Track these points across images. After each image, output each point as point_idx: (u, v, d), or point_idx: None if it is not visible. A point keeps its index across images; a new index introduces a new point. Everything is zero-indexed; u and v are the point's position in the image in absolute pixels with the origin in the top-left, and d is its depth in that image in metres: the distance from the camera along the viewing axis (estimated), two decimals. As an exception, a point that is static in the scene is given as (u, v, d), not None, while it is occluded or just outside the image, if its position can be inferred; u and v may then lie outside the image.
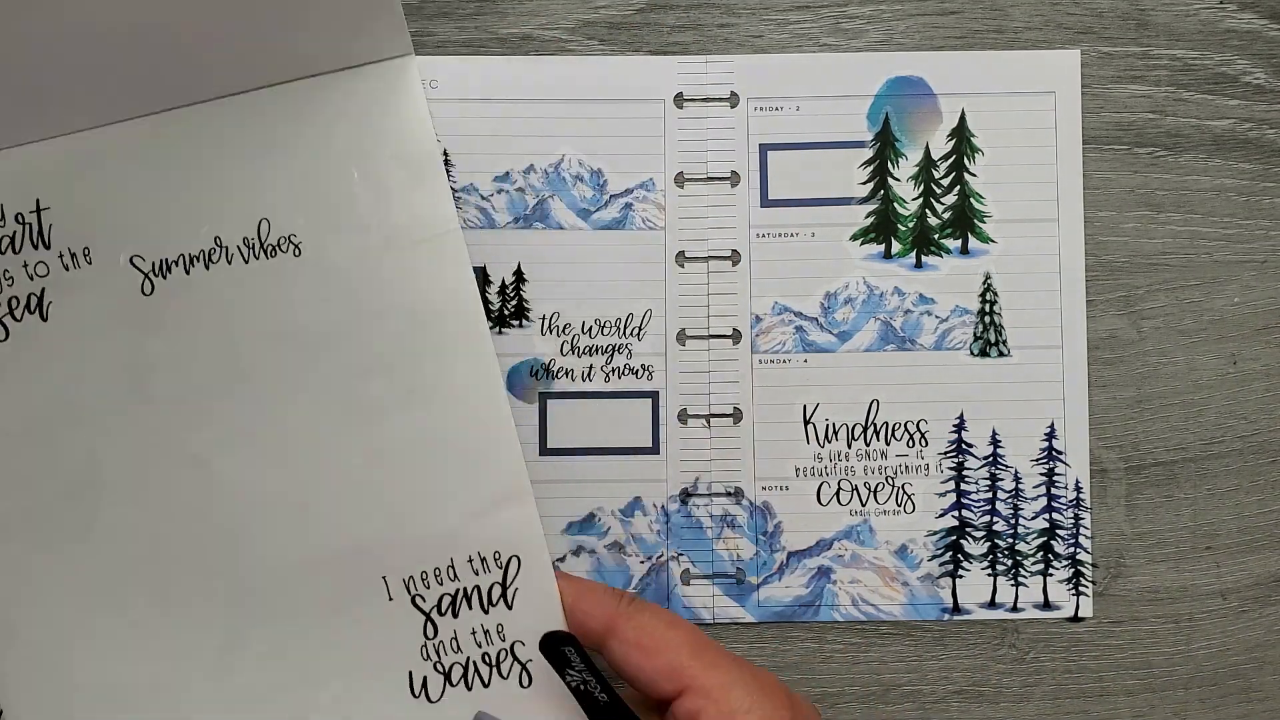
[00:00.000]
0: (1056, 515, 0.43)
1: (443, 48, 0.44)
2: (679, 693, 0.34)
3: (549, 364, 0.43)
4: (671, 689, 0.34)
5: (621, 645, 0.35)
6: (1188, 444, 0.43)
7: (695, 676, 0.34)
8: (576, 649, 0.35)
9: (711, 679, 0.33)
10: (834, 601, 0.43)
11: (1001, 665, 0.43)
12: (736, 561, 0.43)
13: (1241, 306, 0.44)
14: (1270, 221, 0.44)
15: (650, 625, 0.35)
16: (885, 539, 0.43)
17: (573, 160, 0.44)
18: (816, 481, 0.43)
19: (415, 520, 0.38)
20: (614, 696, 0.35)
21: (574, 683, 0.35)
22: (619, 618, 0.35)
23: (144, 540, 0.38)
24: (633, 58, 0.44)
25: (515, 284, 0.43)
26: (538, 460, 0.43)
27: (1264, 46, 0.44)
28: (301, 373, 0.38)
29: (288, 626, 0.38)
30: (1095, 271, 0.44)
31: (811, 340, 0.43)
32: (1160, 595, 0.43)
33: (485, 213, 0.43)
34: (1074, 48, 0.44)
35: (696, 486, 0.43)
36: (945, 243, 0.44)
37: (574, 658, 0.35)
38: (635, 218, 0.44)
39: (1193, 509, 0.43)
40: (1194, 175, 0.44)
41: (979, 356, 0.44)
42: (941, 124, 0.44)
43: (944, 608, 0.43)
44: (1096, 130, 0.44)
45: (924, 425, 0.43)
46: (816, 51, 0.44)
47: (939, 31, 0.44)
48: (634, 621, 0.35)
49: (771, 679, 0.35)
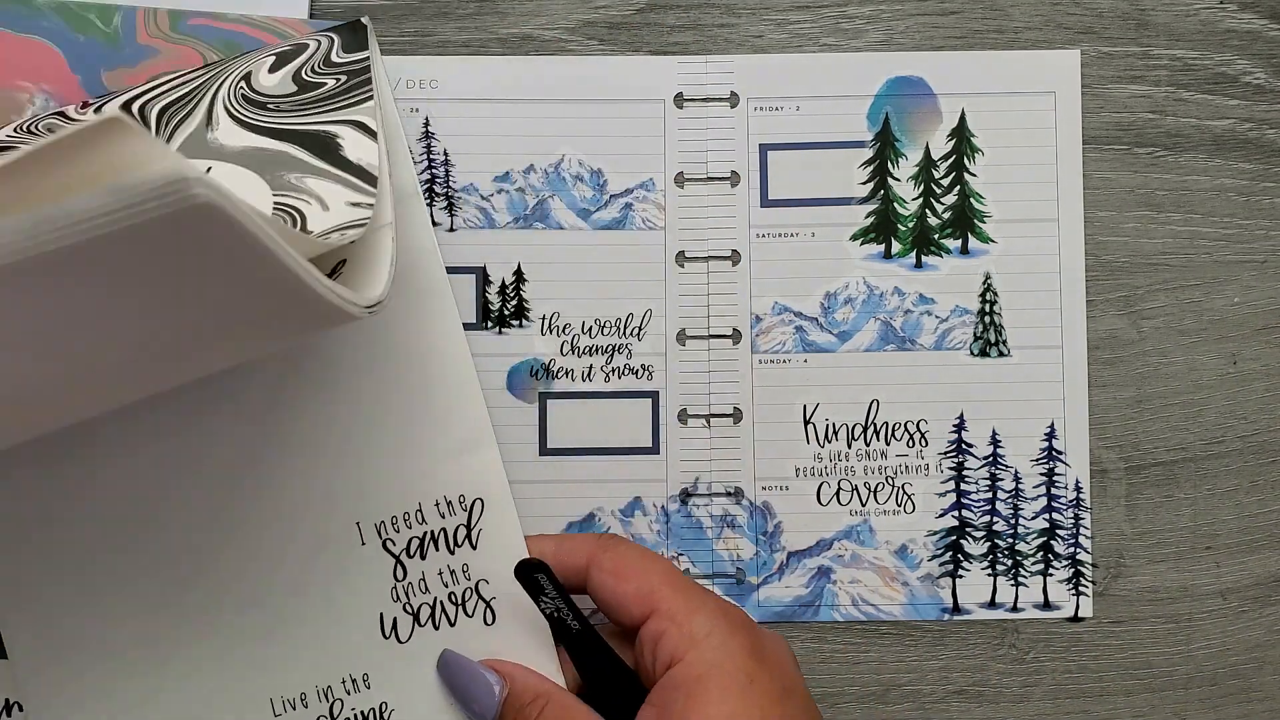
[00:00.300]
0: (1056, 515, 0.43)
1: (443, 48, 0.44)
2: (647, 615, 0.35)
3: (549, 364, 0.43)
4: (640, 612, 0.36)
5: (598, 573, 0.37)
6: (1188, 444, 0.43)
7: (663, 599, 0.35)
8: (549, 577, 0.37)
9: (677, 603, 0.35)
10: (834, 601, 0.43)
11: (1001, 665, 0.43)
12: (736, 561, 0.43)
13: (1241, 306, 0.44)
14: (1270, 221, 0.44)
15: (627, 554, 0.37)
16: (885, 539, 0.43)
17: (573, 160, 0.44)
18: (816, 481, 0.43)
19: (385, 468, 0.40)
20: (585, 624, 0.37)
21: (547, 609, 0.37)
22: (598, 550, 0.37)
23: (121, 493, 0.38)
24: (633, 58, 0.44)
25: (515, 284, 0.43)
26: (538, 460, 0.43)
27: (1264, 46, 0.44)
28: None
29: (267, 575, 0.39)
30: (1095, 271, 0.44)
31: (811, 340, 0.43)
32: (1160, 595, 0.43)
33: (485, 213, 0.43)
34: (1074, 48, 0.44)
35: (696, 486, 0.43)
36: (945, 243, 0.44)
37: (547, 585, 0.37)
38: (635, 218, 0.44)
39: (1193, 509, 0.43)
40: (1194, 175, 0.44)
41: (979, 356, 0.44)
42: (941, 124, 0.44)
43: (944, 608, 0.43)
44: (1096, 130, 0.44)
45: (924, 425, 0.43)
46: (816, 51, 0.44)
47: (939, 31, 0.44)
48: (611, 552, 0.37)
49: (739, 612, 0.36)
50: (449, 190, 0.43)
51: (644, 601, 0.36)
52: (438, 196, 0.43)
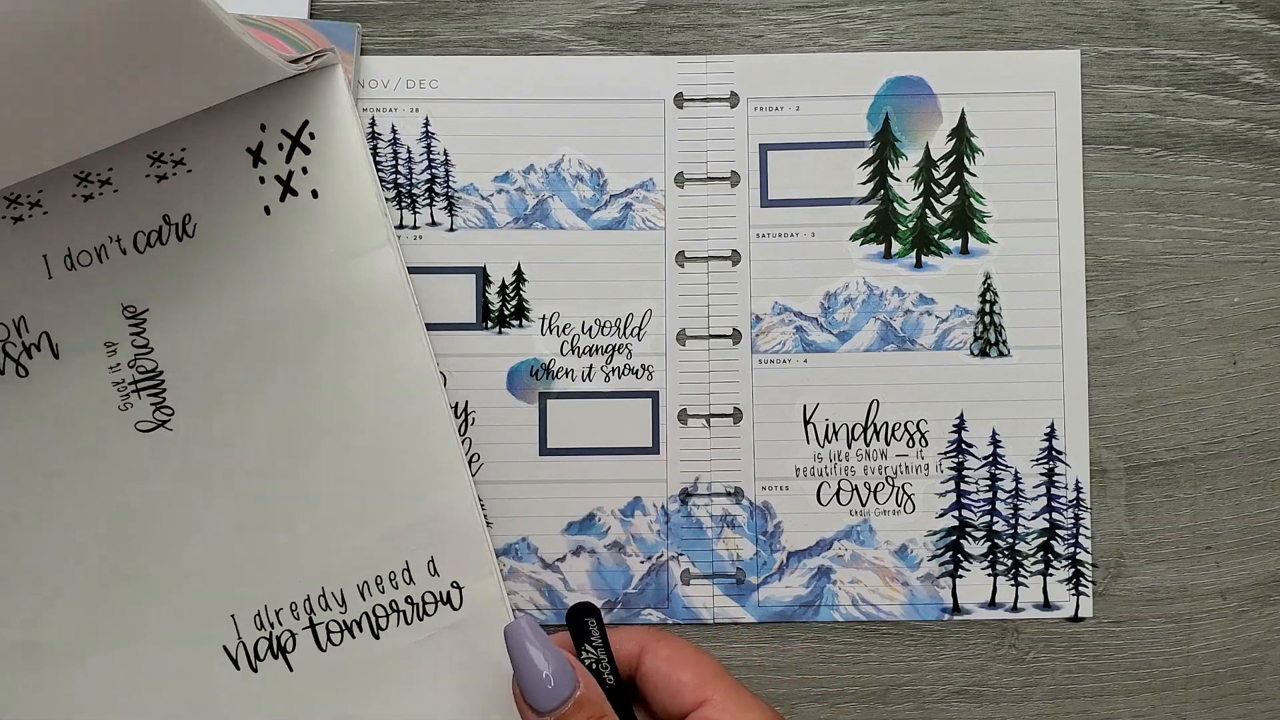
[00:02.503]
0: (1056, 515, 0.43)
1: (443, 48, 0.44)
2: (700, 703, 0.36)
3: (549, 364, 0.43)
4: (693, 699, 0.37)
5: (654, 659, 0.38)
6: (1188, 444, 0.43)
7: (718, 691, 0.37)
8: (599, 625, 0.37)
9: (732, 698, 0.37)
10: (834, 601, 0.43)
11: (1001, 665, 0.43)
12: (736, 561, 0.43)
13: (1241, 306, 0.44)
14: (1270, 221, 0.44)
15: (683, 646, 0.38)
16: (885, 539, 0.43)
17: (573, 160, 0.44)
18: (816, 481, 0.43)
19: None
20: (620, 682, 0.37)
21: (589, 660, 0.37)
22: (651, 639, 0.38)
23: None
24: (633, 58, 0.44)
25: (515, 284, 0.43)
26: (538, 460, 0.43)
27: (1264, 46, 0.44)
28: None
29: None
30: (1095, 271, 0.44)
31: (811, 340, 0.43)
32: (1160, 595, 0.43)
33: (485, 213, 0.43)
34: (1074, 48, 0.44)
35: (696, 486, 0.43)
36: (945, 243, 0.44)
37: (594, 633, 0.37)
38: (635, 218, 0.44)
39: (1193, 509, 0.43)
40: (1194, 175, 0.44)
41: (979, 356, 0.44)
42: (941, 124, 0.44)
43: (944, 608, 0.43)
44: (1096, 130, 0.44)
45: (924, 425, 0.43)
46: (816, 51, 0.44)
47: (939, 31, 0.44)
48: (666, 642, 0.38)
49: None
50: (449, 190, 0.43)
51: (699, 690, 0.37)
52: (438, 196, 0.43)
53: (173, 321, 0.39)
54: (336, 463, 0.39)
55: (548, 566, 0.43)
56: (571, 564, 0.43)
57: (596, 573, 0.43)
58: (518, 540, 0.43)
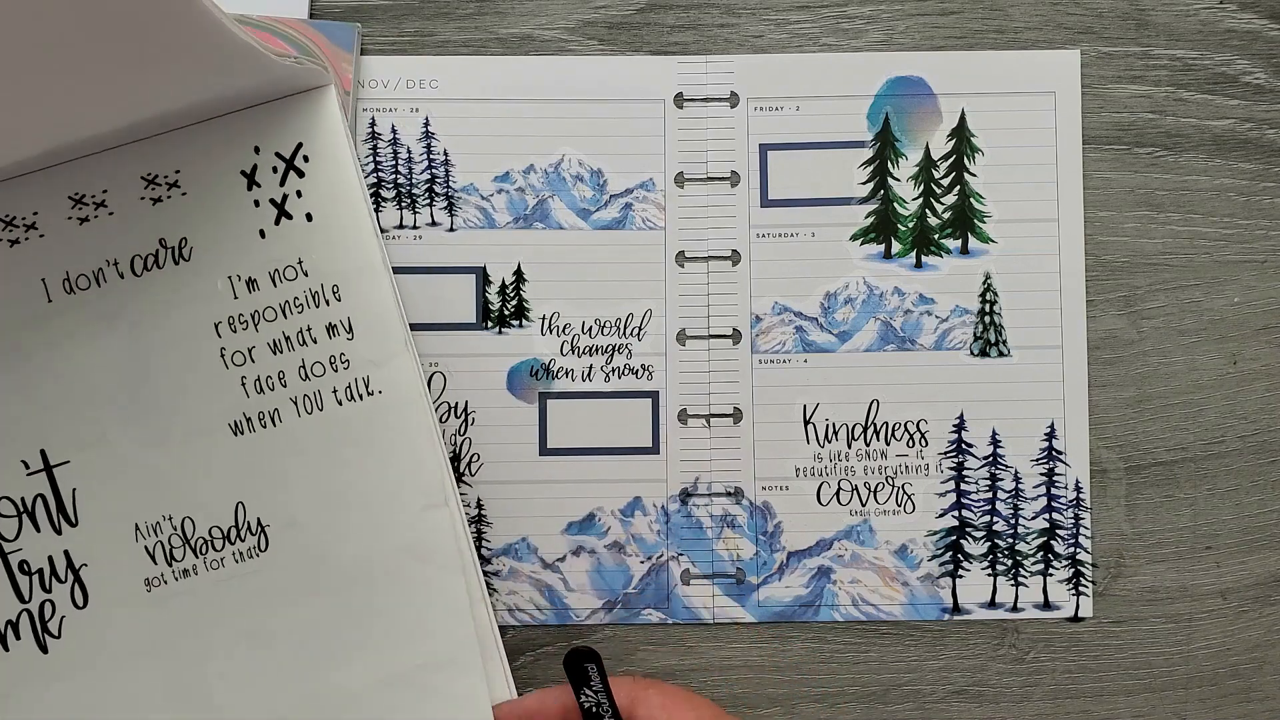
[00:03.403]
0: (1056, 515, 0.43)
1: (443, 48, 0.44)
2: None
3: (549, 364, 0.43)
4: None
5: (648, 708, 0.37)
6: (1188, 444, 0.43)
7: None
8: (599, 669, 0.36)
9: None
10: (834, 601, 0.43)
11: (1001, 665, 0.43)
12: (736, 561, 0.43)
13: (1241, 306, 0.44)
14: (1270, 221, 0.44)
15: (675, 693, 0.37)
16: (885, 539, 0.43)
17: (573, 160, 0.44)
18: (816, 481, 0.43)
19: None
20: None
21: (588, 704, 0.36)
22: (638, 688, 0.37)
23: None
24: (633, 58, 0.44)
25: (515, 284, 0.43)
26: (538, 460, 0.43)
27: (1264, 46, 0.44)
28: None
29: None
30: (1095, 271, 0.44)
31: (811, 340, 0.43)
32: (1160, 595, 0.43)
33: (485, 213, 0.43)
34: (1074, 48, 0.44)
35: (696, 486, 0.43)
36: (945, 243, 0.44)
37: (594, 677, 0.36)
38: (635, 218, 0.44)
39: (1193, 509, 0.43)
40: (1194, 175, 0.44)
41: (979, 356, 0.44)
42: (941, 124, 0.44)
43: (944, 608, 0.43)
44: (1096, 130, 0.44)
45: (924, 425, 0.43)
46: (816, 51, 0.44)
47: (939, 31, 0.44)
48: (657, 690, 0.37)
49: None
50: (449, 190, 0.43)
51: None
52: (438, 196, 0.43)
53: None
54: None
55: (548, 566, 0.43)
56: (571, 564, 0.43)
57: (596, 573, 0.43)
58: (518, 540, 0.43)
